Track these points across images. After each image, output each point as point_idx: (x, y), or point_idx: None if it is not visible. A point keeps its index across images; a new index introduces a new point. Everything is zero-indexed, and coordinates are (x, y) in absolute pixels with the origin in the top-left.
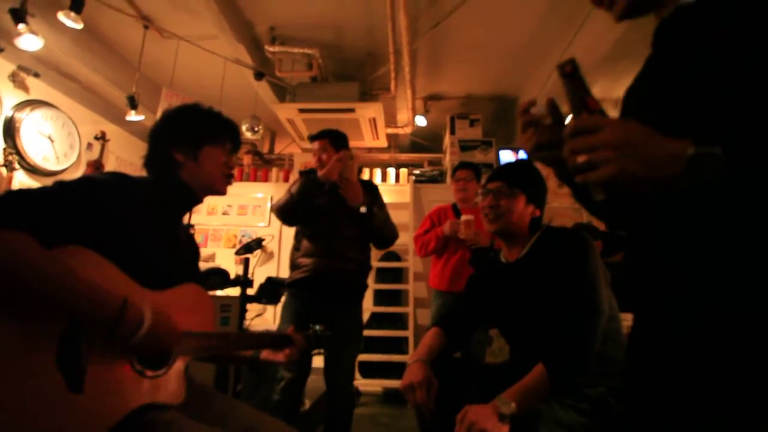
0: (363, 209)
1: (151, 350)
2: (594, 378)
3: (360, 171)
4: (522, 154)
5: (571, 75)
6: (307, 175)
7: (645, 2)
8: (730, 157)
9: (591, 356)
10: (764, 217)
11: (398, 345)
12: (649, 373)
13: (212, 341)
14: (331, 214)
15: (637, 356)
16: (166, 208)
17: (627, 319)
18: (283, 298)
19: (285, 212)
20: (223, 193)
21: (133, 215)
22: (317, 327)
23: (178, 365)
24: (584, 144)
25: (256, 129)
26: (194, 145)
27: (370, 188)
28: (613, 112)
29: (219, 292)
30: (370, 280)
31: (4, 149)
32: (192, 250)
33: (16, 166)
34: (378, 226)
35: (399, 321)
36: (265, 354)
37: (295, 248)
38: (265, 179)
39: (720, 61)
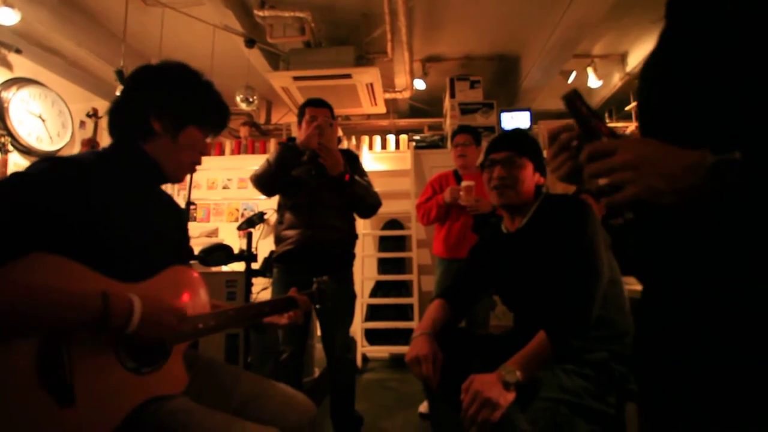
0: (346, 177)
1: (152, 335)
2: (595, 342)
3: (340, 140)
4: (525, 116)
5: (576, 104)
6: (282, 144)
7: None
8: (750, 161)
9: (591, 319)
10: None
11: (404, 312)
12: (660, 343)
13: (210, 322)
14: (312, 183)
15: (647, 325)
16: (127, 186)
17: (629, 283)
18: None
19: (263, 182)
20: (178, 182)
21: (84, 202)
22: (321, 279)
23: (179, 350)
24: (603, 167)
25: (251, 100)
26: (179, 120)
27: (351, 157)
28: (619, 67)
29: (224, 268)
30: (374, 249)
31: None
32: (174, 219)
33: (10, 148)
34: (360, 194)
35: (403, 288)
36: (269, 317)
37: (279, 221)
38: (263, 151)
39: (727, 43)
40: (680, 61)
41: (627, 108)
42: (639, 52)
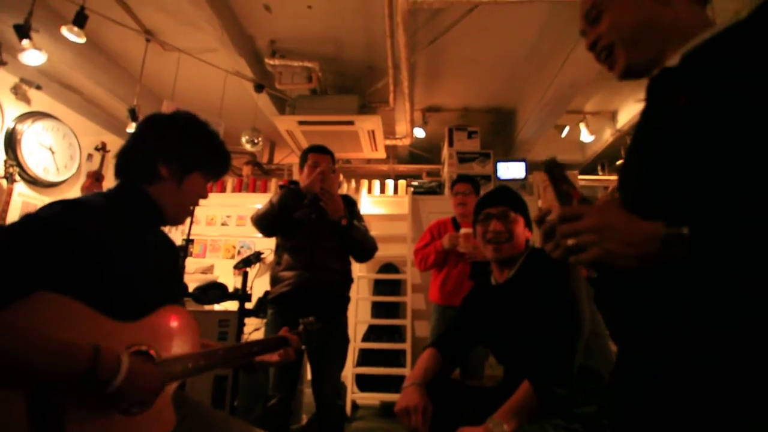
0: (344, 222)
1: (134, 396)
2: (583, 396)
3: (339, 185)
4: (520, 167)
5: (555, 172)
6: (288, 186)
7: (639, 68)
8: (696, 236)
9: (573, 367)
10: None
11: (396, 358)
12: (636, 400)
13: (200, 362)
14: (312, 226)
15: (623, 384)
16: (130, 228)
17: None
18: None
19: (264, 222)
20: (178, 224)
21: (93, 246)
22: (308, 320)
23: (166, 390)
24: (570, 230)
25: (255, 141)
26: (186, 167)
27: (349, 202)
28: (610, 123)
29: (217, 307)
30: (368, 292)
31: (5, 161)
32: (170, 258)
33: (17, 178)
34: (358, 238)
35: (396, 334)
36: (260, 356)
37: (276, 262)
38: (264, 190)
39: (680, 127)
40: (649, 138)
41: (618, 162)
42: (628, 110)
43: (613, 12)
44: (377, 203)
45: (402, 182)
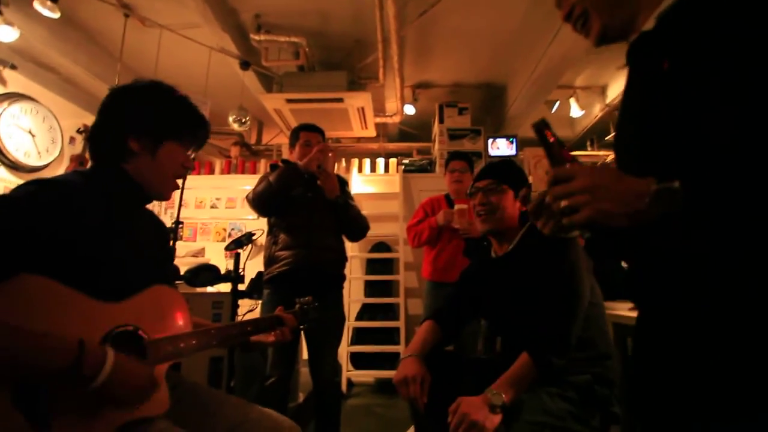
0: (341, 200)
1: (118, 396)
2: (578, 364)
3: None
4: (510, 143)
5: (544, 133)
6: (284, 165)
7: (614, 32)
8: (687, 189)
9: (572, 338)
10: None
11: (390, 336)
12: (655, 368)
13: (192, 341)
14: (309, 204)
15: (643, 349)
16: (109, 206)
17: (611, 308)
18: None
19: (263, 201)
20: (166, 198)
21: (70, 224)
22: (305, 299)
23: (159, 371)
24: (563, 191)
25: (243, 120)
26: (156, 137)
27: (340, 181)
28: (600, 98)
29: (210, 289)
30: (361, 271)
31: None
32: (157, 238)
33: None
34: (354, 216)
35: (390, 312)
36: (256, 336)
37: (273, 242)
38: (253, 171)
39: (667, 91)
40: (636, 103)
41: (607, 138)
42: (617, 85)
43: None
44: (368, 182)
45: (393, 160)
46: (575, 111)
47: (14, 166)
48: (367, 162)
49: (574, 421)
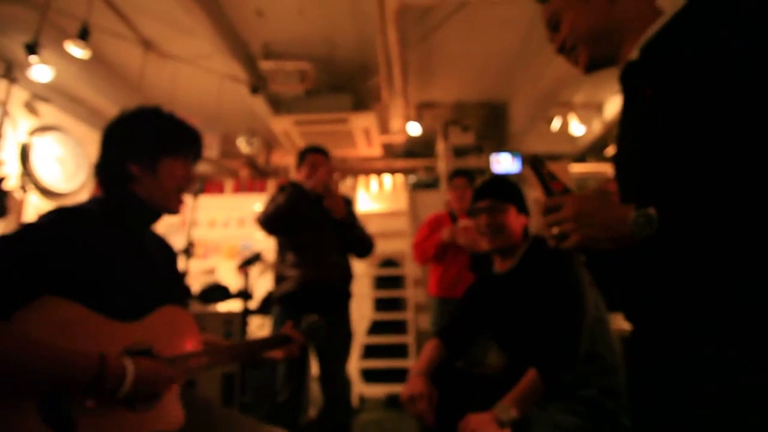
0: (347, 219)
1: (144, 397)
2: (585, 378)
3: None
4: (513, 159)
5: (538, 167)
6: (292, 186)
7: (601, 61)
8: (662, 215)
9: (578, 353)
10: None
11: (400, 351)
12: (651, 379)
13: (202, 359)
14: (316, 224)
15: (637, 363)
16: (124, 230)
17: (616, 321)
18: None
19: (272, 222)
20: (175, 212)
21: (88, 249)
22: (310, 317)
23: (174, 388)
24: (553, 220)
25: (252, 143)
26: (152, 157)
27: (346, 202)
28: (598, 115)
29: (221, 307)
30: (369, 288)
31: (21, 173)
32: (167, 259)
33: (28, 188)
34: (360, 235)
35: (400, 327)
36: (264, 352)
37: (281, 261)
38: (263, 190)
39: (647, 117)
40: (629, 124)
41: (604, 152)
42: (614, 102)
43: (569, 18)
44: (375, 200)
45: (398, 178)
46: (575, 127)
47: (45, 192)
48: (373, 180)
49: None
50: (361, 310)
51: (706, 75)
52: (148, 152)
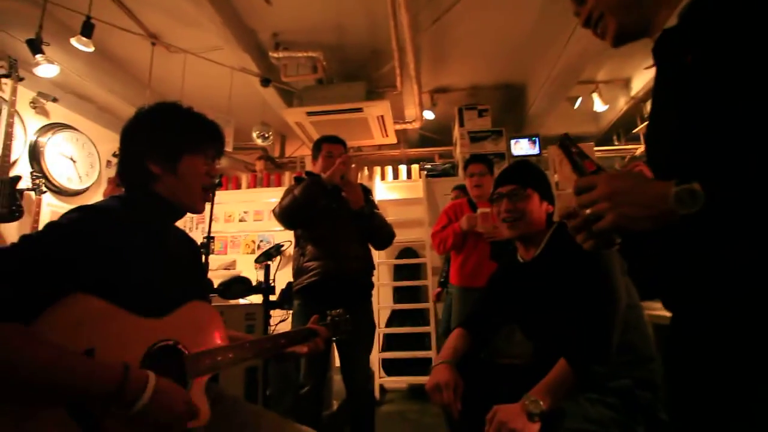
0: (366, 210)
1: (156, 420)
2: (618, 369)
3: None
4: (532, 142)
5: (568, 145)
6: (308, 177)
7: (632, 31)
8: (708, 190)
9: (612, 344)
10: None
11: (421, 341)
12: (691, 368)
13: (229, 354)
14: (334, 215)
15: (678, 352)
16: (147, 228)
17: (649, 308)
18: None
19: (289, 214)
20: (199, 211)
21: (113, 247)
22: (336, 312)
23: (199, 383)
24: (586, 200)
25: (266, 135)
26: (172, 156)
27: (364, 190)
28: (624, 91)
29: (242, 301)
30: (389, 277)
31: (32, 173)
32: (190, 255)
33: (44, 188)
34: (379, 226)
35: (420, 317)
36: (289, 347)
37: (300, 254)
38: (278, 184)
39: (688, 85)
40: (664, 98)
41: (634, 131)
42: (642, 77)
43: None
44: (391, 189)
45: (415, 166)
46: (598, 106)
47: (58, 191)
48: (389, 169)
49: (618, 429)
50: (382, 300)
51: (755, 40)
52: (167, 150)
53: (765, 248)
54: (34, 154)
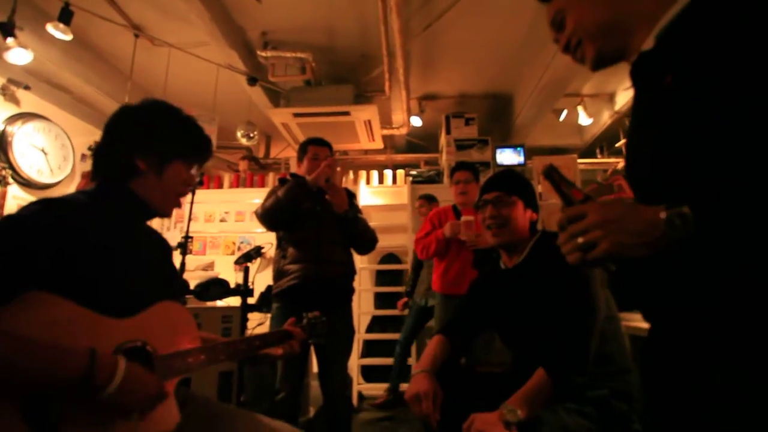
0: (350, 214)
1: (127, 405)
2: (595, 379)
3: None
4: (518, 152)
5: (554, 177)
6: (293, 179)
7: (610, 56)
8: (698, 214)
9: (589, 355)
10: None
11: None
12: (668, 379)
13: (200, 356)
14: (317, 218)
15: (654, 363)
16: (115, 224)
17: (627, 319)
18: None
19: (272, 216)
20: (167, 215)
21: (75, 242)
22: (312, 314)
23: (169, 387)
24: (577, 229)
25: (251, 135)
26: (163, 157)
27: (349, 195)
28: (608, 105)
29: (219, 303)
30: (370, 283)
31: None
32: (161, 254)
33: (10, 180)
34: (362, 230)
35: (401, 324)
36: (264, 349)
37: (281, 256)
38: (262, 185)
39: (669, 106)
40: (644, 121)
41: (617, 144)
42: (626, 93)
43: (574, 14)
44: (376, 194)
45: (400, 172)
46: (583, 119)
47: (27, 184)
48: (374, 174)
49: None
50: (363, 306)
51: (740, 54)
52: (160, 151)
53: (748, 264)
54: (2, 144)
